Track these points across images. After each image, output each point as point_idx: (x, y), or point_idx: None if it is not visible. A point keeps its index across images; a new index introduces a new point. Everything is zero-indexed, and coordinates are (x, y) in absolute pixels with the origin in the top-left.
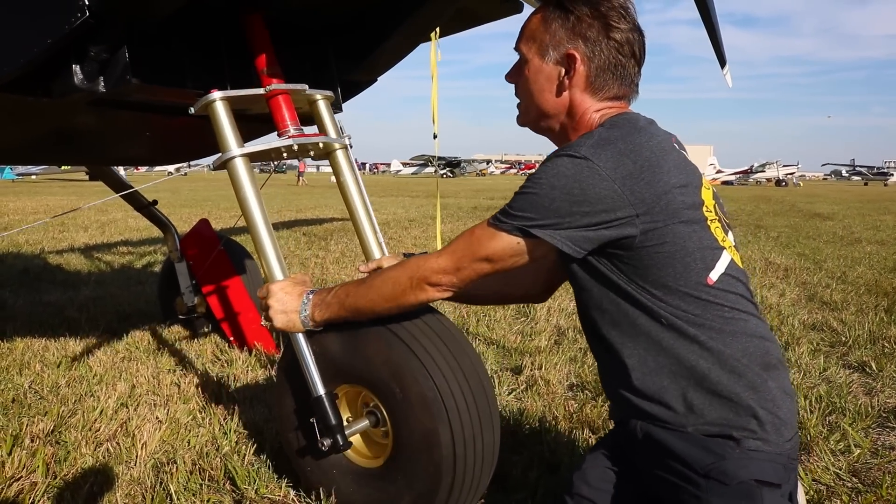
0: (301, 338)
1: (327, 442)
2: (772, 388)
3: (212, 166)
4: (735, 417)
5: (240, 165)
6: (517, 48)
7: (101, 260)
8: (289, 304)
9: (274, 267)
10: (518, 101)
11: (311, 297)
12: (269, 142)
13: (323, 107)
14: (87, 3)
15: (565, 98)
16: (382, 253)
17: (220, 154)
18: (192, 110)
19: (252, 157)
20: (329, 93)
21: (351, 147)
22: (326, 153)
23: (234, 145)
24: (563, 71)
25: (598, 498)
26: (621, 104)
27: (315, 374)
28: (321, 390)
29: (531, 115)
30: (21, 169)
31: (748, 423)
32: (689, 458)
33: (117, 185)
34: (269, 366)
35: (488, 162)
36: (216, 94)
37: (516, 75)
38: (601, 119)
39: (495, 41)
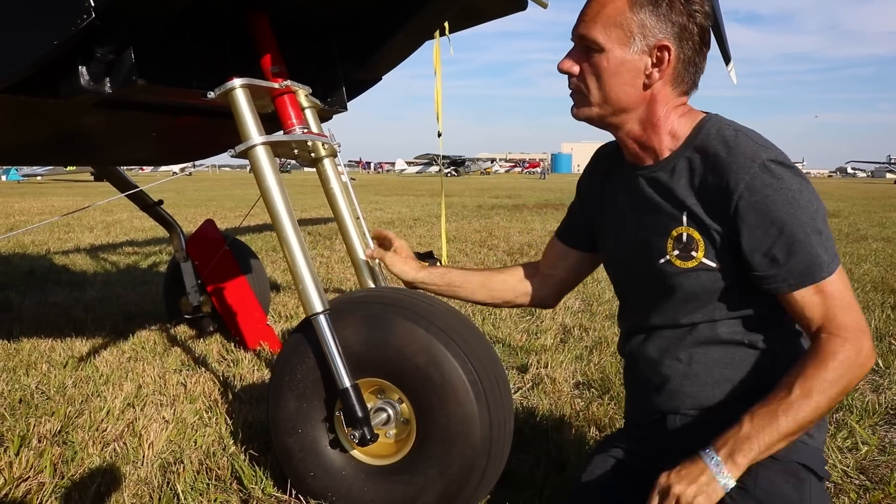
0: (326, 329)
1: (357, 434)
2: None
3: (234, 152)
4: None
5: (262, 154)
6: (586, 34)
7: (106, 260)
8: (708, 487)
9: (297, 255)
10: (575, 91)
11: (717, 457)
12: (283, 136)
13: (312, 114)
14: (93, 4)
15: (649, 92)
16: (374, 269)
17: (240, 143)
18: (212, 95)
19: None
20: (317, 101)
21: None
22: (318, 159)
23: (255, 133)
24: (651, 62)
25: (609, 499)
26: (687, 99)
27: (342, 366)
28: (348, 382)
29: (603, 109)
30: (26, 170)
31: None
32: None
33: (123, 185)
34: (273, 365)
35: (492, 160)
36: (237, 81)
37: (581, 63)
38: (690, 118)
39: (498, 40)
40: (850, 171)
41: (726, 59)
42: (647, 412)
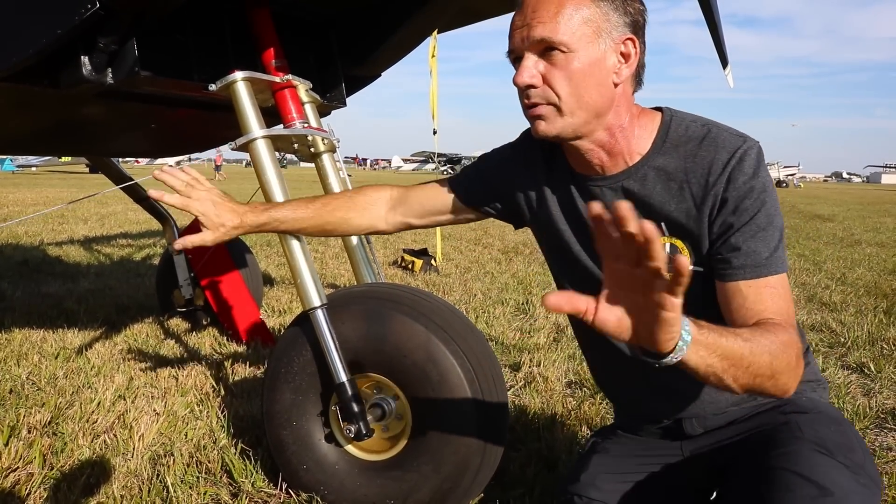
0: (324, 324)
1: (353, 428)
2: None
3: (235, 145)
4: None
5: (262, 147)
6: (548, 37)
7: (100, 252)
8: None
9: (296, 249)
10: (540, 106)
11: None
12: (283, 129)
13: (311, 109)
14: None
15: (618, 92)
16: (371, 258)
17: (242, 135)
18: (214, 87)
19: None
20: (316, 96)
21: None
22: (317, 154)
23: (256, 126)
24: (617, 59)
25: (609, 499)
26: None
27: (338, 361)
28: (344, 377)
29: (577, 117)
30: (21, 160)
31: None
32: (768, 403)
33: (118, 176)
34: (266, 359)
35: None
36: (238, 74)
37: (545, 72)
38: (648, 117)
39: (494, 38)
40: (845, 175)
41: (724, 62)
42: (651, 419)
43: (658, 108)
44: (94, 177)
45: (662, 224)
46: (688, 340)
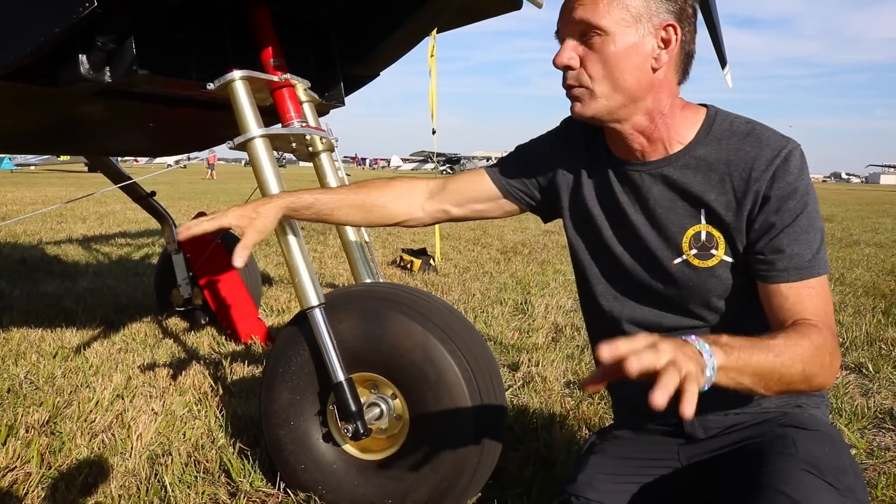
0: (322, 323)
1: (350, 428)
2: None
3: (233, 144)
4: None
5: (260, 146)
6: (587, 18)
7: (98, 251)
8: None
9: (294, 248)
10: (577, 87)
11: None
12: (281, 128)
13: (310, 108)
14: None
15: (658, 78)
16: (370, 258)
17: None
18: (212, 86)
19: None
20: (315, 95)
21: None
22: (315, 153)
23: (254, 125)
24: (657, 44)
25: (606, 500)
26: (679, 90)
27: (336, 360)
28: (342, 376)
29: (613, 101)
30: (20, 159)
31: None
32: (770, 413)
33: (116, 175)
34: (264, 359)
35: (488, 159)
36: (237, 73)
37: (582, 56)
38: (693, 110)
39: (496, 38)
40: (844, 175)
41: (722, 62)
42: (654, 417)
43: (703, 105)
44: (92, 176)
45: (702, 211)
46: (714, 368)
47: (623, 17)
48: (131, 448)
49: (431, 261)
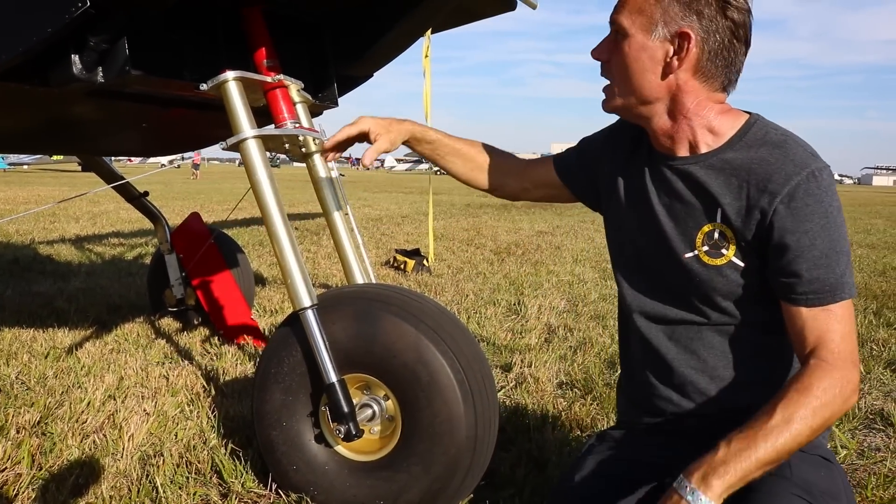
0: (314, 324)
1: (342, 429)
2: None
3: (225, 145)
4: None
5: (253, 147)
6: (615, 20)
7: (91, 251)
8: None
9: (286, 249)
10: (607, 82)
11: (690, 485)
12: (274, 129)
13: (303, 109)
14: None
15: (671, 81)
16: (361, 259)
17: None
18: (205, 87)
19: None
20: (308, 96)
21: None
22: (308, 154)
23: (247, 126)
24: (672, 51)
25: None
26: (725, 96)
27: (328, 361)
28: (334, 377)
29: (628, 99)
30: (13, 158)
31: None
32: None
33: (109, 175)
34: (257, 359)
35: None
36: (230, 74)
37: (609, 51)
38: (732, 116)
39: (489, 39)
40: (837, 177)
41: None
42: (656, 411)
43: (748, 112)
44: (85, 175)
45: (718, 211)
46: None
47: (641, 21)
48: (123, 449)
49: (425, 261)
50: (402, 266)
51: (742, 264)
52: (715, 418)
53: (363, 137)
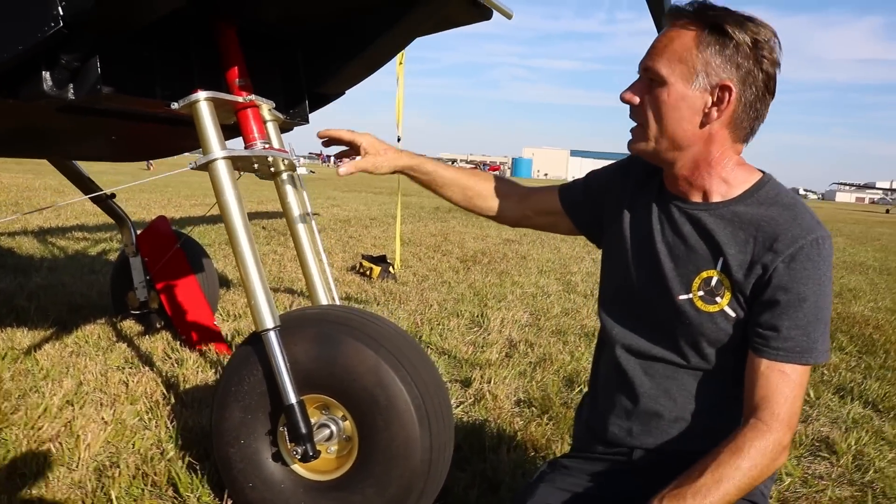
0: (276, 346)
1: (300, 450)
2: None
3: (195, 164)
4: None
5: (222, 168)
6: (650, 67)
7: (54, 245)
8: None
9: (251, 269)
10: (635, 124)
11: None
12: (244, 150)
13: (273, 128)
14: (61, 13)
15: (706, 132)
16: (326, 279)
17: (201, 155)
18: (176, 105)
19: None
20: (279, 114)
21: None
22: (277, 173)
23: (217, 147)
24: (711, 101)
25: None
26: (743, 147)
27: (288, 383)
28: (293, 398)
29: (659, 144)
30: None
31: None
32: None
33: (77, 177)
34: (219, 367)
35: (454, 161)
36: (201, 94)
37: (641, 95)
38: (746, 171)
39: (465, 40)
40: (801, 192)
41: None
42: (613, 441)
43: (761, 171)
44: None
45: (720, 259)
46: None
47: (682, 70)
48: (79, 458)
49: (391, 268)
50: (367, 272)
51: (733, 315)
52: (668, 458)
53: (355, 148)
